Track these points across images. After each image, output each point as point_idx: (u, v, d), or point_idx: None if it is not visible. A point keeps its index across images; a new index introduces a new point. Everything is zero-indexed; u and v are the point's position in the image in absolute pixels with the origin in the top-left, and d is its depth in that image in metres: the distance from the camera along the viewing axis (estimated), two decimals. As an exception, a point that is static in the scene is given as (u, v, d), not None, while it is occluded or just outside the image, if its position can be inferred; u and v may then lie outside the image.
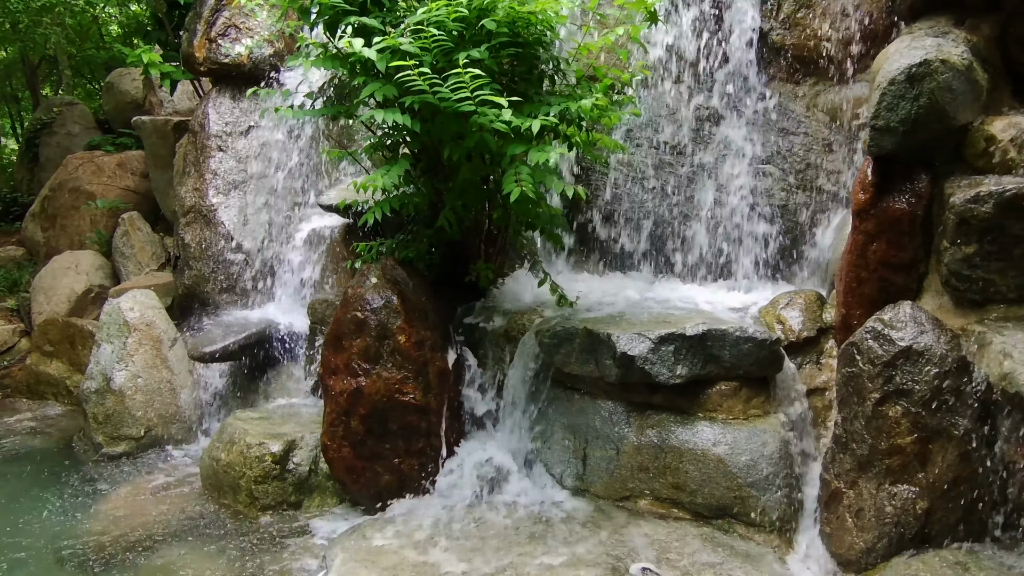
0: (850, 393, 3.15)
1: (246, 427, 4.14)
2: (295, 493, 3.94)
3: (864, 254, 3.34)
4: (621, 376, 3.51)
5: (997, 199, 2.94)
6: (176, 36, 7.30)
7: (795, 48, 4.33)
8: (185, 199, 5.74)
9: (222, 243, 5.57)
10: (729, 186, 4.42)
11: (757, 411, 3.52)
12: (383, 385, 3.73)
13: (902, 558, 3.00)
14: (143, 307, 5.02)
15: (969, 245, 3.04)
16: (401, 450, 3.77)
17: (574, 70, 3.92)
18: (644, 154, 4.63)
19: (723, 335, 3.47)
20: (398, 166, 3.60)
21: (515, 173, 3.40)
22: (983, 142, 3.19)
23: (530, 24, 3.53)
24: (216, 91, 5.88)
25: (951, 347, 3.00)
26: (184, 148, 6.08)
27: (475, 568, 3.17)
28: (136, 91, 8.26)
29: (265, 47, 5.69)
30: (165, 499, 4.09)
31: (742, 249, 4.37)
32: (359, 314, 3.77)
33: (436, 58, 3.36)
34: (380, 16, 3.56)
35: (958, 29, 3.37)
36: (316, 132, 5.59)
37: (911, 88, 3.10)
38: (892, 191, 3.27)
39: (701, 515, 3.41)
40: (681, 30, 4.51)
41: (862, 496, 3.08)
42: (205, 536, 3.68)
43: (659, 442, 3.51)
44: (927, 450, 2.97)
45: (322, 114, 3.93)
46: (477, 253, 4.22)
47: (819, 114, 4.31)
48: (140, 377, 4.79)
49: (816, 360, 3.69)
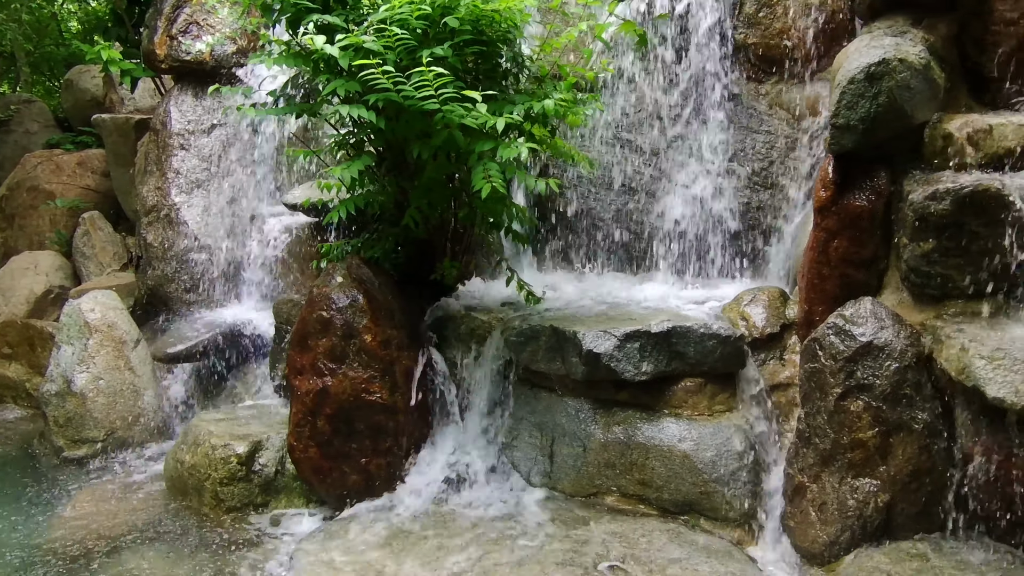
0: (813, 388, 3.19)
1: (211, 428, 4.09)
2: (261, 494, 3.90)
3: (826, 251, 3.38)
4: (587, 374, 3.53)
5: (954, 196, 2.98)
6: (136, 33, 7.20)
7: (757, 47, 4.37)
8: (147, 198, 5.66)
9: (185, 243, 5.50)
10: (692, 184, 4.45)
11: (722, 407, 3.55)
12: (349, 385, 3.71)
13: (864, 550, 3.04)
14: (104, 308, 4.94)
15: (927, 241, 3.08)
16: (368, 450, 3.75)
17: (538, 67, 3.93)
18: (609, 152, 4.64)
19: (688, 332, 3.50)
20: (359, 161, 3.59)
21: (484, 170, 3.40)
22: (941, 140, 3.24)
23: (494, 22, 3.53)
24: (178, 89, 5.81)
25: (910, 342, 3.05)
26: (146, 146, 5.99)
27: (443, 567, 3.16)
28: (96, 89, 8.12)
29: (228, 44, 5.62)
30: (128, 502, 4.03)
31: (706, 246, 4.40)
32: (325, 313, 3.75)
33: (400, 56, 3.35)
34: (343, 14, 3.54)
35: (916, 28, 3.42)
36: (281, 130, 5.53)
37: (870, 87, 3.14)
38: (853, 188, 3.32)
39: (667, 511, 3.44)
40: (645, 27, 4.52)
41: (825, 490, 3.12)
42: (169, 539, 3.64)
43: (625, 439, 3.53)
44: (888, 444, 3.02)
45: (286, 112, 3.90)
46: (443, 251, 4.21)
47: (781, 112, 4.35)
48: (102, 379, 4.72)
49: (780, 356, 3.73)
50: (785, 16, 4.26)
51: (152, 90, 7.13)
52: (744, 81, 4.45)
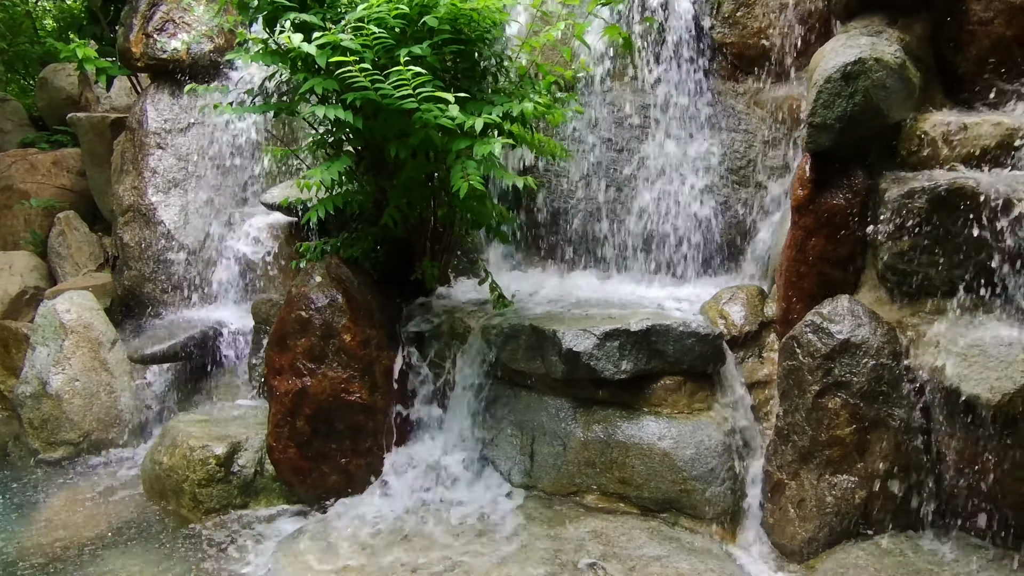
0: (791, 386, 3.21)
1: (189, 430, 4.06)
2: (240, 495, 3.88)
3: (803, 249, 3.40)
4: (567, 372, 3.53)
5: (930, 194, 3.01)
6: (112, 31, 7.12)
7: (736, 46, 4.39)
8: (123, 198, 5.61)
9: (162, 242, 5.46)
10: (672, 183, 4.46)
11: (701, 405, 3.56)
12: (329, 385, 3.70)
13: (843, 547, 3.07)
14: (80, 308, 4.89)
15: (904, 239, 3.11)
16: (348, 450, 3.74)
17: (517, 67, 3.92)
18: (587, 151, 4.65)
19: (667, 330, 3.51)
20: (339, 162, 3.57)
21: (462, 169, 3.39)
22: (916, 139, 3.27)
23: (472, 21, 3.52)
24: (154, 87, 5.76)
25: (887, 339, 3.07)
26: (122, 145, 5.93)
27: (423, 566, 3.16)
28: (71, 87, 8.04)
29: (204, 42, 5.58)
30: (105, 505, 4.00)
31: (685, 245, 4.41)
32: (303, 313, 3.73)
33: (378, 55, 3.33)
34: (320, 12, 3.52)
35: (891, 28, 3.45)
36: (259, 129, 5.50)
37: (846, 86, 3.16)
38: (830, 187, 3.34)
39: (647, 509, 3.44)
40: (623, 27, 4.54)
41: (804, 487, 3.14)
42: (147, 542, 3.61)
43: (605, 437, 3.53)
44: (865, 440, 3.04)
45: (263, 111, 3.88)
46: (423, 251, 4.19)
47: (759, 111, 4.37)
48: (78, 380, 4.67)
49: (758, 354, 3.75)
50: (763, 16, 4.28)
51: (128, 89, 7.07)
52: (722, 80, 4.47)
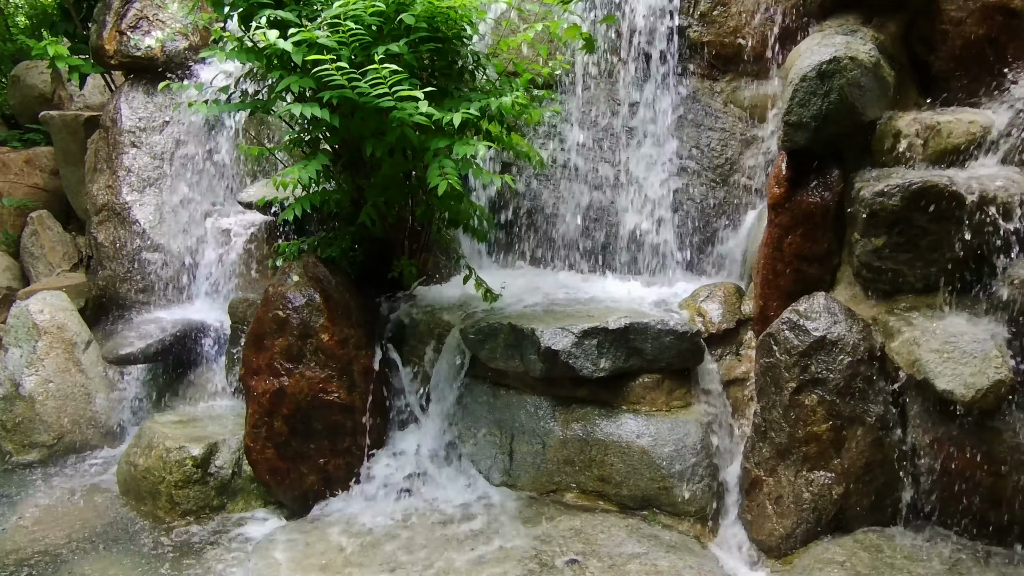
0: (768, 383, 3.23)
1: (165, 431, 4.03)
2: (218, 497, 3.85)
3: (780, 247, 3.42)
4: (546, 371, 3.53)
5: (904, 192, 3.03)
6: (85, 28, 7.04)
7: (712, 45, 4.40)
8: (97, 197, 5.54)
9: (137, 242, 5.39)
10: (649, 181, 4.47)
11: (679, 402, 3.58)
12: (307, 384, 3.68)
13: (820, 542, 3.09)
14: (53, 309, 4.83)
15: (878, 237, 3.13)
16: (326, 450, 3.72)
17: (494, 65, 3.91)
18: (567, 150, 4.65)
19: (645, 328, 3.51)
20: (316, 160, 3.55)
21: (439, 167, 3.38)
22: (891, 137, 3.30)
23: (449, 19, 3.51)
24: (128, 85, 5.69)
25: (863, 336, 3.10)
26: (96, 144, 5.86)
27: (402, 566, 3.15)
28: (44, 85, 7.93)
29: (179, 40, 5.52)
30: (80, 508, 3.95)
31: (663, 243, 4.43)
32: (281, 313, 3.70)
33: (354, 52, 3.31)
34: (296, 9, 3.50)
35: (866, 27, 3.47)
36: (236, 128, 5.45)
37: (822, 84, 3.18)
38: (806, 185, 3.36)
39: (627, 506, 3.45)
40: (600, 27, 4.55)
41: (781, 483, 3.16)
42: (122, 545, 3.57)
43: (584, 435, 3.54)
44: (842, 437, 3.07)
45: (238, 109, 3.84)
46: (401, 250, 4.18)
47: (736, 109, 4.39)
48: (52, 382, 4.62)
49: (736, 351, 3.77)
50: (739, 15, 4.30)
51: (102, 86, 7.00)
52: (699, 79, 4.48)
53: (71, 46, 6.48)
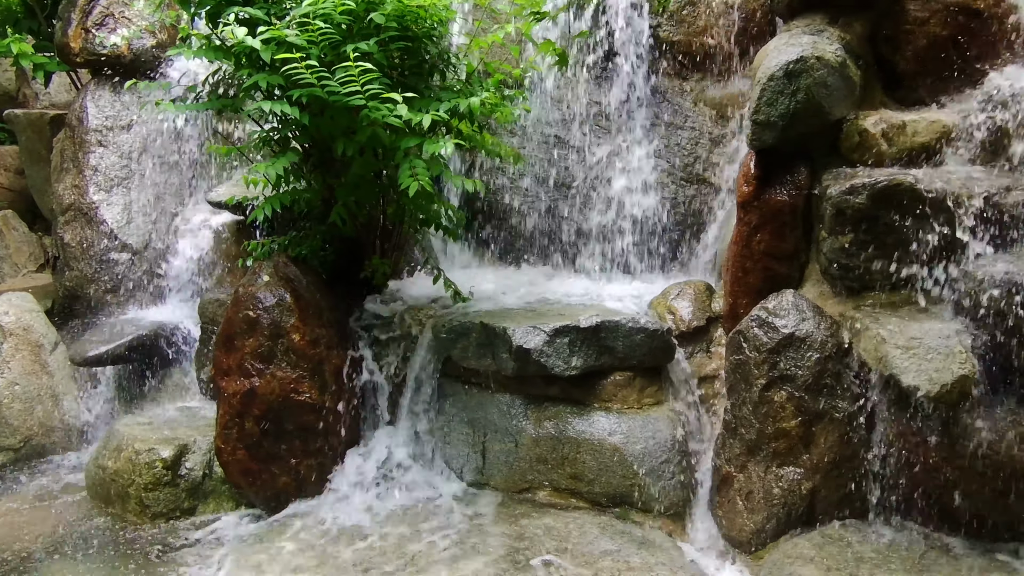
0: (738, 380, 3.26)
1: (135, 433, 3.99)
2: (188, 499, 3.82)
3: (749, 244, 3.45)
4: (518, 369, 3.54)
5: (870, 190, 3.07)
6: (50, 25, 6.93)
7: (682, 44, 4.43)
8: (63, 197, 5.47)
9: (105, 242, 5.33)
10: (620, 180, 4.49)
11: (651, 400, 3.60)
12: (278, 385, 3.65)
13: (790, 537, 3.12)
14: (19, 311, 4.77)
15: (845, 235, 3.17)
16: (298, 450, 3.70)
17: (464, 64, 3.91)
18: (538, 148, 4.66)
19: (616, 326, 3.53)
20: (285, 157, 3.53)
21: (410, 167, 3.37)
22: (857, 136, 3.34)
23: (419, 18, 3.50)
24: (95, 83, 5.62)
25: (831, 333, 3.13)
26: (61, 143, 5.78)
27: (376, 566, 3.14)
28: (8, 83, 7.81)
29: (146, 37, 5.45)
30: (47, 512, 3.90)
31: (634, 241, 4.45)
32: (251, 313, 3.68)
33: (324, 51, 3.29)
34: (264, 7, 3.47)
35: (832, 27, 3.51)
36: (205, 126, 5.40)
37: (789, 84, 3.21)
38: (774, 183, 3.39)
39: (599, 504, 3.47)
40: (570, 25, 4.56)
41: (751, 479, 3.19)
42: (91, 549, 3.53)
43: (557, 433, 3.55)
44: (811, 432, 3.10)
45: (207, 108, 3.81)
46: (372, 249, 4.16)
47: (706, 109, 4.42)
48: (18, 384, 4.56)
49: (706, 349, 3.80)
50: (707, 14, 4.32)
51: (68, 85, 6.90)
52: (669, 78, 4.51)
53: (36, 43, 6.38)
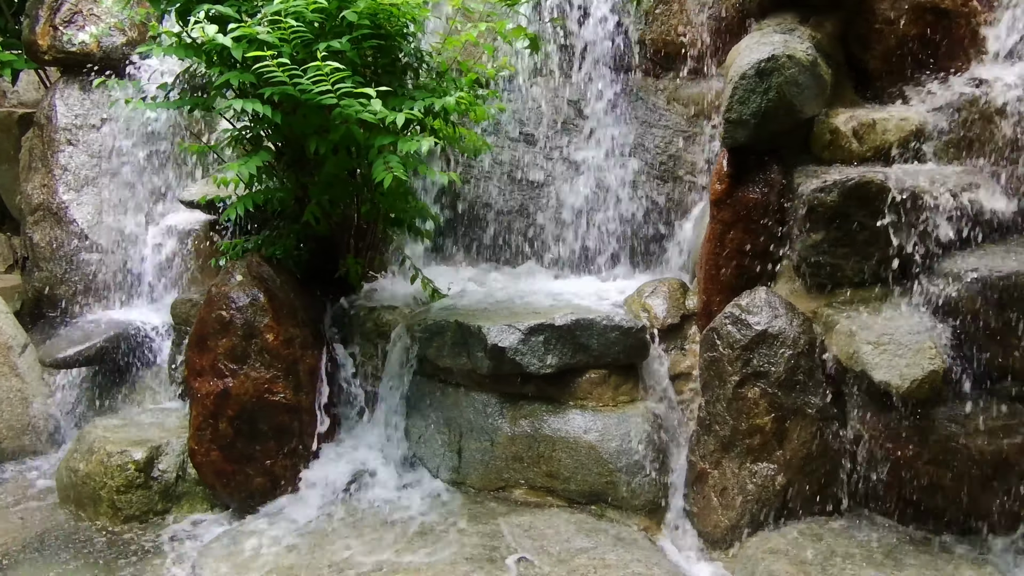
0: (712, 377, 3.27)
1: (106, 435, 3.94)
2: (162, 501, 3.78)
3: (722, 242, 3.47)
4: (493, 368, 3.54)
5: (841, 188, 3.10)
6: (17, 22, 6.83)
7: (655, 43, 4.45)
8: (32, 196, 5.40)
9: (75, 242, 5.27)
10: (594, 178, 4.50)
11: (626, 398, 3.61)
12: (252, 385, 3.63)
13: (764, 533, 3.14)
14: (-13, 312, 4.70)
15: (817, 232, 3.19)
16: (273, 451, 3.68)
17: (438, 63, 3.90)
18: (511, 147, 4.66)
19: (591, 324, 3.54)
20: (257, 156, 3.51)
21: (384, 162, 3.37)
22: (828, 134, 3.37)
23: (392, 16, 3.49)
24: (64, 81, 5.55)
25: (803, 330, 3.16)
26: (30, 142, 5.71)
27: (351, 566, 3.13)
28: (-25, 81, 7.71)
29: (116, 35, 5.40)
30: (16, 516, 3.84)
31: (608, 239, 4.46)
32: (224, 313, 3.65)
33: (296, 49, 3.27)
34: (235, 4, 3.44)
35: (803, 26, 3.53)
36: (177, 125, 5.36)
37: (760, 82, 3.23)
38: (747, 181, 3.41)
39: (575, 502, 3.48)
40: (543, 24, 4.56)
41: (726, 475, 3.21)
42: (63, 552, 3.49)
43: (532, 432, 3.55)
44: (784, 429, 3.13)
45: (177, 106, 3.77)
46: (347, 248, 4.15)
47: (679, 107, 4.44)
48: (-14, 387, 4.50)
49: (681, 346, 3.81)
50: (680, 12, 4.34)
51: (36, 83, 6.81)
52: (643, 76, 4.52)
53: (3, 41, 6.29)
